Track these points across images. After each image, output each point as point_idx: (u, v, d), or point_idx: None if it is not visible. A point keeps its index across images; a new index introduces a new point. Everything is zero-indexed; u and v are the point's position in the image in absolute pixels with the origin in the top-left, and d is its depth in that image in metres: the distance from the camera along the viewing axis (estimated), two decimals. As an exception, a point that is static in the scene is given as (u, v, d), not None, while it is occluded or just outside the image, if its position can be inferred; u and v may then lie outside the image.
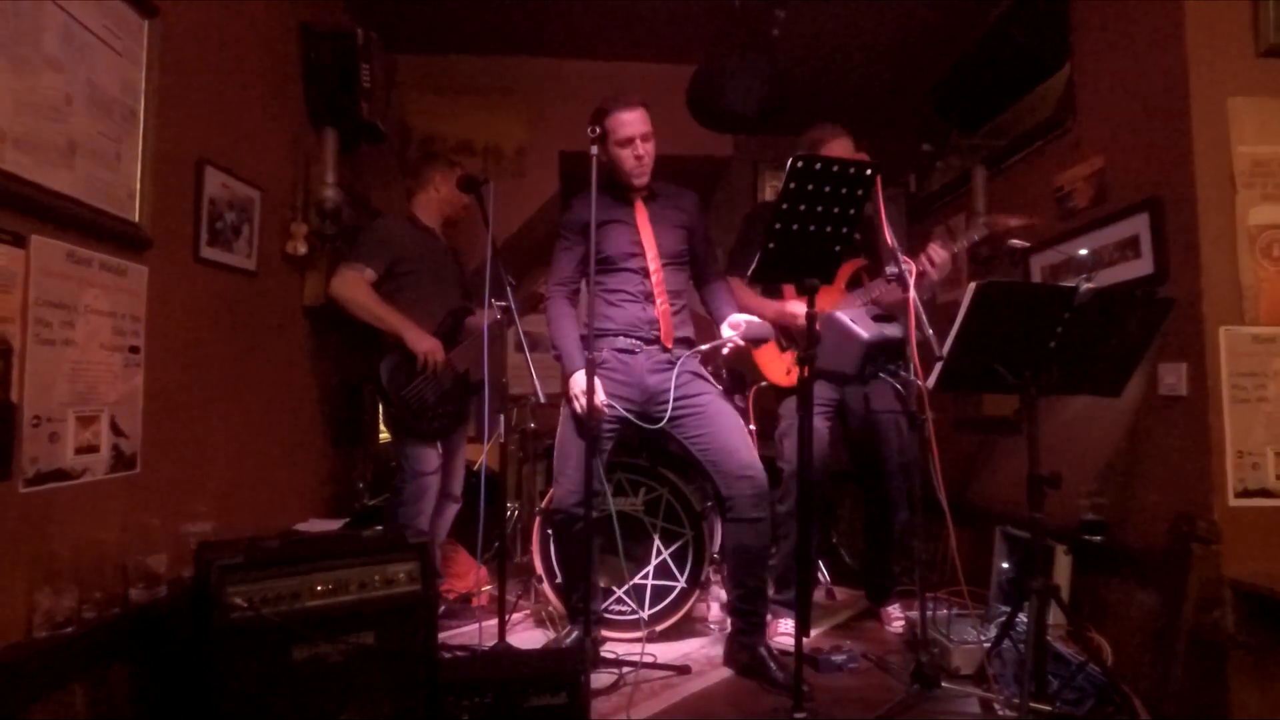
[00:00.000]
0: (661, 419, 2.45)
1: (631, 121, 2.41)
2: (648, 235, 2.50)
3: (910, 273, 2.24)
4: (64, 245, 1.66)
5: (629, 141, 2.42)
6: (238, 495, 2.42)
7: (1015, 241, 2.34)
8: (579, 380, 2.35)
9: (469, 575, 3.27)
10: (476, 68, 3.92)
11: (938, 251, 2.61)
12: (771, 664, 2.33)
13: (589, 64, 3.96)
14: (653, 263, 2.49)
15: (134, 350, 1.90)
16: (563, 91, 3.94)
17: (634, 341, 2.49)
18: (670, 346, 2.50)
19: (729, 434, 2.43)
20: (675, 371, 2.45)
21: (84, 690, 1.53)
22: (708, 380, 2.53)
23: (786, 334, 2.82)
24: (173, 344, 2.08)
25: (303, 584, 1.63)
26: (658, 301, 2.49)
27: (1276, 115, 2.21)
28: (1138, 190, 2.42)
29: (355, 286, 2.75)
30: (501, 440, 2.58)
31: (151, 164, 1.93)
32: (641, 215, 2.52)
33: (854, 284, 2.82)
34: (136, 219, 1.88)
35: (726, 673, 2.44)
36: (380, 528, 1.81)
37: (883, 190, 2.06)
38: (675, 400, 2.45)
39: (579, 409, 2.35)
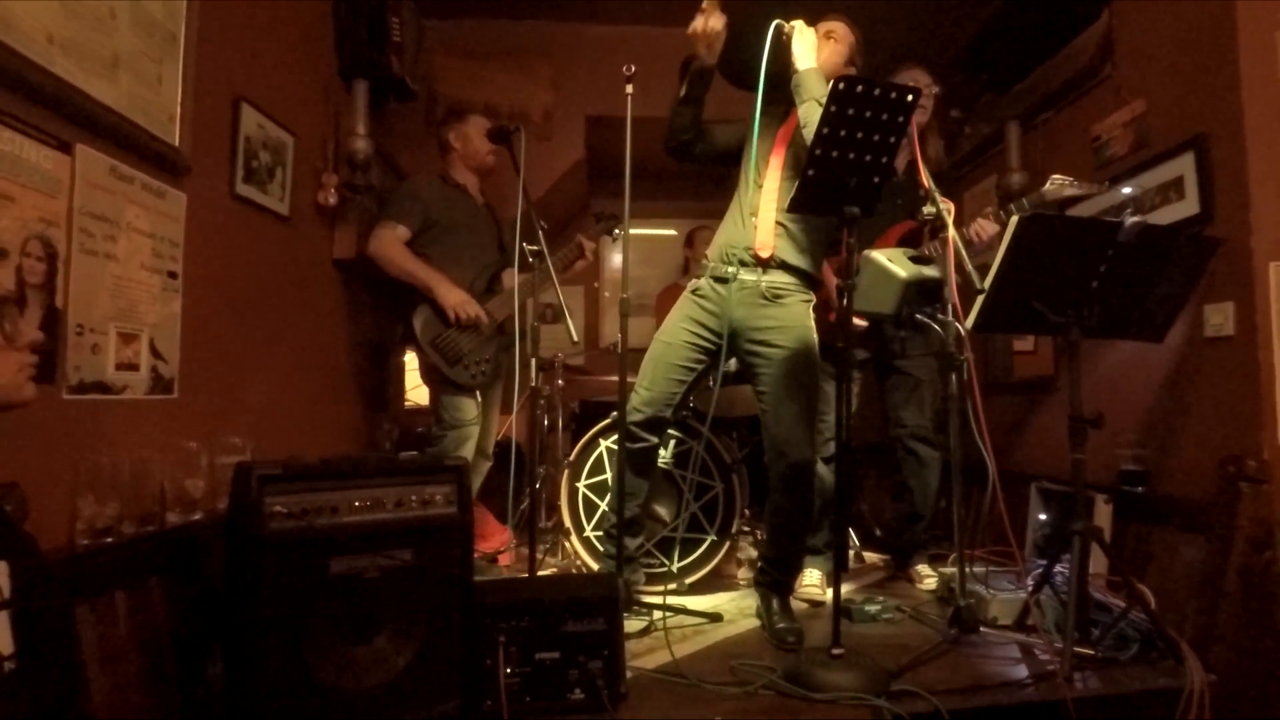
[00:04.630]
0: (744, 357, 2.33)
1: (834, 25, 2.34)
2: (781, 149, 2.32)
3: (949, 212, 2.21)
4: (107, 159, 1.66)
5: (828, 35, 2.31)
6: (267, 439, 2.41)
7: (1056, 178, 2.29)
8: None
9: (495, 535, 3.26)
10: (503, 32, 3.92)
11: (986, 226, 2.58)
12: (774, 614, 2.27)
13: (615, 28, 3.94)
14: (771, 172, 2.29)
15: (172, 275, 1.91)
16: (589, 56, 3.93)
17: (728, 269, 2.29)
18: (765, 258, 2.24)
19: (784, 403, 2.23)
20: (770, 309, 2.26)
21: (125, 597, 1.52)
22: (806, 329, 2.26)
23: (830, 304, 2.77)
24: (209, 275, 2.08)
25: (341, 499, 1.60)
26: (760, 216, 2.26)
27: (1327, 48, 2.16)
28: (1181, 131, 2.37)
29: (389, 244, 2.79)
30: (532, 385, 2.51)
31: (192, 91, 1.93)
32: (787, 128, 2.33)
33: (907, 245, 2.76)
34: (176, 143, 1.89)
35: (758, 621, 2.41)
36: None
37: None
38: (756, 342, 2.27)
39: None
